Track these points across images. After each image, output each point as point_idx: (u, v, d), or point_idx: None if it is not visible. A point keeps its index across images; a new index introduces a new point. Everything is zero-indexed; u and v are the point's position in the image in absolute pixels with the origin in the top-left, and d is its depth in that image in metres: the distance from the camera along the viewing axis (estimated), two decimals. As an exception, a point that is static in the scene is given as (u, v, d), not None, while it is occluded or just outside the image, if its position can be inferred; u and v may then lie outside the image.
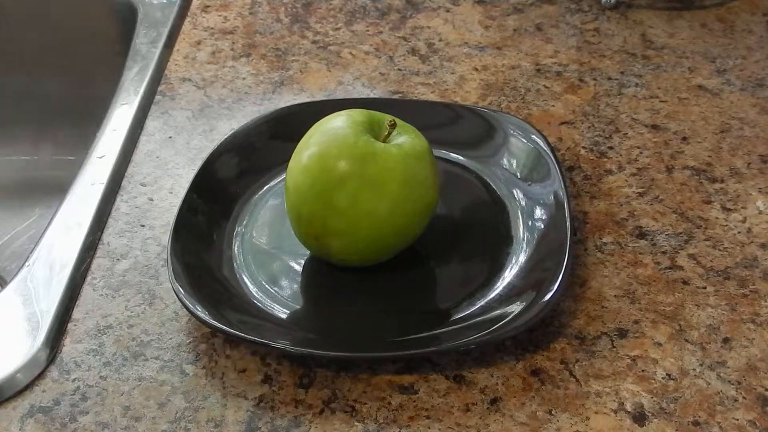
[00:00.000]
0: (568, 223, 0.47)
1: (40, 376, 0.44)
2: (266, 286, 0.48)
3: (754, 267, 0.48)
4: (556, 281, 0.44)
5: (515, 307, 0.44)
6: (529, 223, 0.50)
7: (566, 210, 0.48)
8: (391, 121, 0.46)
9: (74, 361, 0.45)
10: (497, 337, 0.43)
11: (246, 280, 0.48)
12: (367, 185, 0.44)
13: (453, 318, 0.45)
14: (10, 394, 0.43)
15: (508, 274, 0.47)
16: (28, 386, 0.43)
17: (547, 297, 0.44)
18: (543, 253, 0.47)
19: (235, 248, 0.49)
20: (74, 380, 0.44)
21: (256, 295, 0.47)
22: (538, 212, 0.50)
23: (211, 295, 0.46)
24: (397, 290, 0.47)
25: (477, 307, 0.46)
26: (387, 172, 0.44)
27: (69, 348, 0.45)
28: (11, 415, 0.42)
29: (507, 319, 0.44)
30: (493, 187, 0.53)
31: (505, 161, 0.53)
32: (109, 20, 0.74)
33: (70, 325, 0.46)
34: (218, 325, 0.44)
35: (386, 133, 0.46)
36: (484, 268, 0.48)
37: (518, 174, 0.53)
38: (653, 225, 0.51)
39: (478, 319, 0.45)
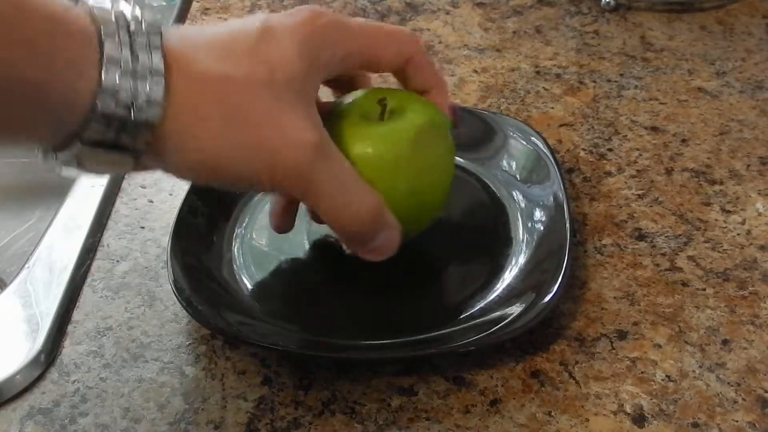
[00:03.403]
0: (567, 225, 0.47)
1: (40, 377, 0.44)
2: (266, 287, 0.48)
3: (754, 269, 0.49)
4: (555, 283, 0.44)
5: (515, 309, 0.44)
6: (529, 224, 0.50)
7: (566, 212, 0.48)
8: (381, 98, 0.43)
9: (74, 363, 0.45)
10: (496, 339, 0.43)
11: (246, 281, 0.48)
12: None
13: (452, 320, 0.45)
14: (9, 395, 0.43)
15: (508, 276, 0.47)
16: (28, 388, 0.43)
17: (547, 299, 0.44)
18: (542, 255, 0.47)
19: (235, 250, 0.49)
20: (74, 382, 0.44)
21: (256, 297, 0.47)
22: (538, 214, 0.50)
23: (210, 296, 0.46)
24: (397, 292, 0.47)
25: (476, 308, 0.46)
26: (368, 154, 0.41)
27: (69, 350, 0.45)
28: (11, 417, 0.42)
29: (506, 320, 0.44)
30: (493, 188, 0.53)
31: (504, 163, 0.54)
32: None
33: (69, 327, 0.46)
34: (218, 326, 0.44)
35: (380, 112, 0.43)
36: (484, 269, 0.48)
37: (518, 176, 0.53)
38: (652, 227, 0.51)
39: (478, 320, 0.45)
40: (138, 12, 0.36)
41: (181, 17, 0.70)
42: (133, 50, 0.35)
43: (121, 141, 0.36)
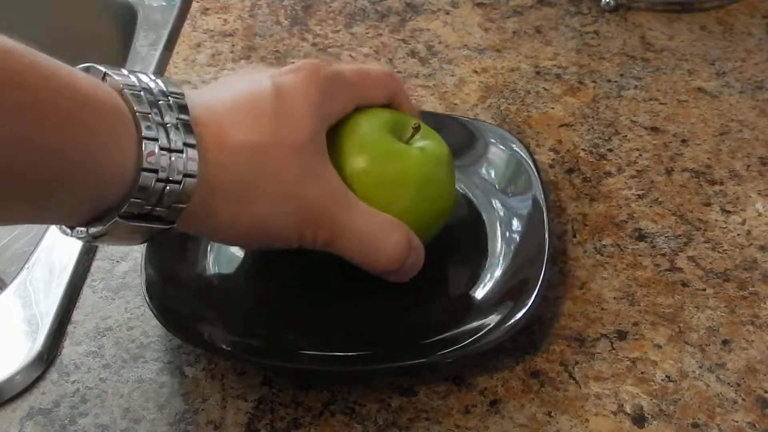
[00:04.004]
0: (546, 235, 0.47)
1: (40, 378, 0.44)
2: (238, 296, 0.47)
3: (754, 269, 0.49)
4: (532, 293, 0.44)
5: (493, 319, 0.44)
6: (507, 235, 0.49)
7: (545, 222, 0.47)
8: (415, 124, 0.46)
9: (74, 363, 0.45)
10: (474, 351, 0.43)
11: (234, 291, 0.47)
12: (382, 184, 0.43)
13: (429, 332, 0.44)
14: (9, 396, 0.43)
15: (485, 287, 0.46)
16: (28, 388, 0.43)
17: (523, 311, 0.43)
18: (520, 266, 0.47)
19: (211, 259, 0.49)
20: (74, 382, 0.44)
21: (245, 309, 0.46)
22: (516, 224, 0.49)
23: (195, 311, 0.45)
24: (378, 301, 0.46)
25: (453, 320, 0.45)
26: (404, 173, 0.44)
27: (68, 350, 0.45)
28: (11, 417, 0.42)
29: (483, 332, 0.43)
30: (472, 197, 0.52)
31: (484, 171, 0.53)
32: (109, 23, 0.74)
33: (69, 327, 0.46)
34: (208, 345, 0.44)
35: (409, 135, 0.46)
36: (462, 280, 0.47)
37: (497, 184, 0.52)
38: (653, 227, 0.51)
39: (456, 331, 0.44)
40: (161, 84, 0.38)
41: (181, 17, 0.70)
42: (165, 126, 0.37)
43: (156, 213, 0.37)
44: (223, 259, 0.48)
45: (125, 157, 0.36)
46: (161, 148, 0.36)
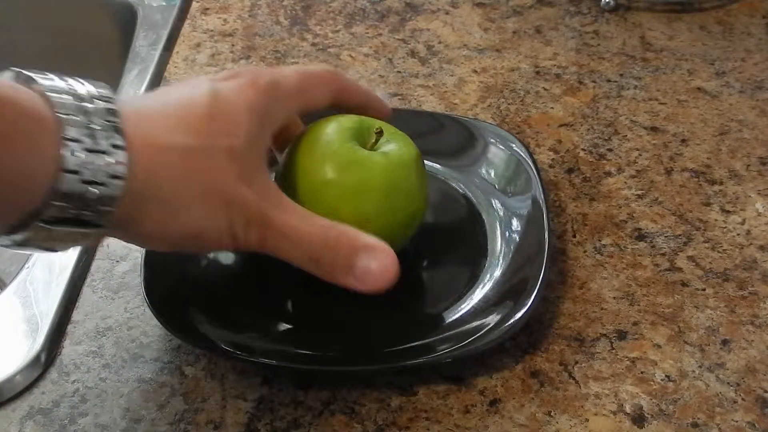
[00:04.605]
0: (545, 235, 0.47)
1: (40, 378, 0.44)
2: (251, 297, 0.47)
3: (753, 269, 0.49)
4: (532, 293, 0.44)
5: (492, 319, 0.44)
6: (507, 234, 0.49)
7: (545, 222, 0.47)
8: (377, 129, 0.45)
9: (74, 363, 0.45)
10: (473, 351, 0.43)
11: (233, 292, 0.47)
12: (346, 194, 0.43)
13: (428, 332, 0.44)
14: (9, 395, 0.43)
15: (485, 287, 0.46)
16: (28, 388, 0.43)
17: (523, 311, 0.43)
18: (520, 265, 0.47)
19: (212, 256, 0.49)
20: (74, 382, 0.44)
21: (244, 309, 0.46)
22: (516, 224, 0.49)
23: (196, 312, 0.45)
24: (386, 297, 0.45)
25: (452, 320, 0.45)
26: (368, 181, 0.43)
27: (68, 350, 0.45)
28: (10, 417, 0.42)
29: (483, 332, 0.43)
30: (472, 197, 0.52)
31: (483, 171, 0.53)
32: (109, 23, 0.74)
33: (69, 327, 0.46)
34: (208, 346, 0.43)
35: (373, 141, 0.45)
36: (461, 280, 0.47)
37: (497, 184, 0.52)
38: (652, 227, 0.51)
39: (455, 331, 0.44)
40: (91, 87, 0.37)
41: (181, 17, 0.70)
42: (91, 128, 0.35)
43: (83, 217, 0.36)
44: (223, 258, 0.48)
45: (45, 160, 0.34)
46: (86, 150, 0.35)
